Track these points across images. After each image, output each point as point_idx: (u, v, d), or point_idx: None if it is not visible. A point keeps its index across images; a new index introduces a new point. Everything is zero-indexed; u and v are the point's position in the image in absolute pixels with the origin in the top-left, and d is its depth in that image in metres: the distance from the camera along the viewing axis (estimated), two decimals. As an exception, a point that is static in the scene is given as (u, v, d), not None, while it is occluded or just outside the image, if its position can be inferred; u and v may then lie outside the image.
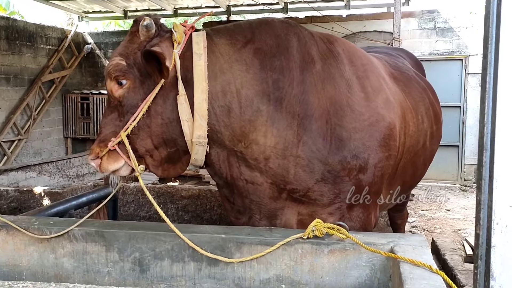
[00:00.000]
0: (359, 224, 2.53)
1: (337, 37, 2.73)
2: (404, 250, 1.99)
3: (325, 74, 2.46)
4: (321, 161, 2.38)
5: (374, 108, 2.49)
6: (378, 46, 4.95)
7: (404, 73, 3.19)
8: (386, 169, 2.56)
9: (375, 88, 2.58)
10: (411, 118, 2.84)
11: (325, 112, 2.40)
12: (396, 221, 4.43)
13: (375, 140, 2.46)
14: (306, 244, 2.13)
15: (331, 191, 2.43)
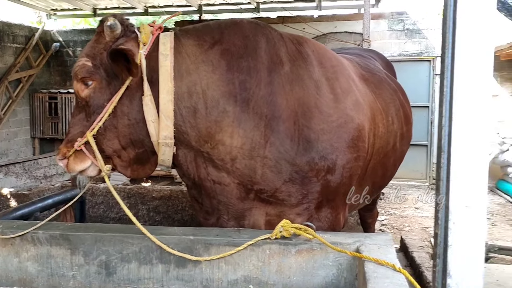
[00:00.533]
0: (327, 224, 2.56)
1: (307, 38, 2.75)
2: (370, 249, 2.02)
3: (294, 75, 2.47)
4: (289, 162, 2.39)
5: (343, 110, 2.52)
6: (350, 48, 5.00)
7: (375, 74, 3.23)
8: (355, 170, 2.59)
9: (345, 89, 2.60)
10: (380, 119, 2.88)
11: (293, 114, 2.41)
12: (366, 220, 4.49)
13: (343, 141, 2.48)
14: (274, 244, 2.15)
15: (299, 192, 2.44)
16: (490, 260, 5.59)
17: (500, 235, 6.43)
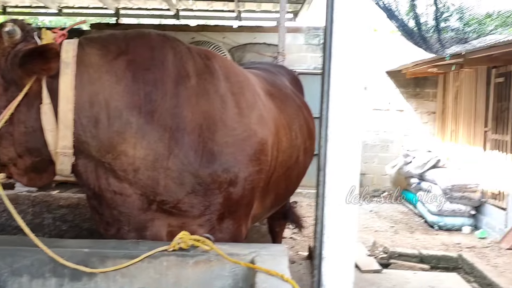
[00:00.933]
0: (229, 235, 2.61)
1: (215, 53, 2.81)
2: (264, 259, 2.09)
3: (200, 89, 2.51)
4: (192, 174, 2.43)
5: (247, 124, 2.59)
6: (262, 62, 5.12)
7: (281, 90, 3.34)
8: (257, 182, 2.66)
9: (250, 104, 2.68)
10: (284, 134, 2.98)
11: (198, 126, 2.45)
12: (274, 228, 4.61)
13: (246, 154, 2.55)
14: (172, 256, 2.15)
15: (201, 203, 2.48)
16: (391, 266, 5.95)
17: (401, 242, 6.85)
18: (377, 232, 7.37)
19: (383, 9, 5.35)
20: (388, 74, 10.13)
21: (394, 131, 10.23)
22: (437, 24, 4.27)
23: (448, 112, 9.41)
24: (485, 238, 7.08)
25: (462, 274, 5.69)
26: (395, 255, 6.17)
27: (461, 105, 8.75)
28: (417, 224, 8.00)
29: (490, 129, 7.55)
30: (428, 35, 4.60)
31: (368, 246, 6.34)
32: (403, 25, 5.18)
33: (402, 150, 9.44)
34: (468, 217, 7.62)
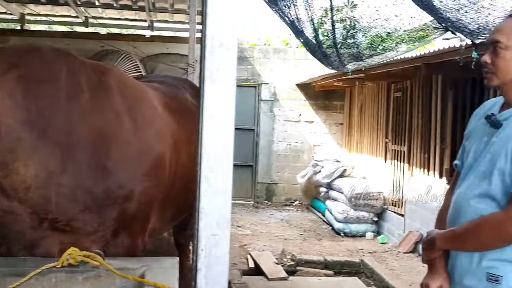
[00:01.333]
0: (124, 250, 2.60)
1: (111, 68, 2.81)
2: (155, 273, 2.11)
3: (94, 105, 2.49)
4: (86, 190, 2.40)
5: (143, 139, 2.61)
6: (165, 75, 5.12)
7: (181, 104, 3.37)
8: (154, 197, 2.68)
9: (146, 119, 2.69)
10: (184, 148, 3.02)
11: (92, 143, 2.43)
12: (179, 241, 4.60)
13: (142, 170, 2.57)
14: (60, 273, 2.12)
15: (95, 220, 2.46)
16: (297, 273, 6.14)
17: (308, 249, 7.08)
18: (286, 240, 7.57)
19: (289, 25, 5.57)
20: (298, 87, 10.48)
21: (304, 141, 10.58)
22: (335, 42, 4.51)
23: (354, 124, 9.90)
24: (386, 243, 7.51)
25: (363, 278, 6.01)
26: (302, 262, 6.38)
27: (365, 118, 9.24)
28: (325, 231, 8.31)
29: (390, 140, 8.04)
30: (328, 52, 4.85)
31: (277, 254, 6.50)
32: (307, 41, 5.42)
33: (312, 160, 9.78)
34: (371, 224, 8.04)
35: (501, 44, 1.80)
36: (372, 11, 4.20)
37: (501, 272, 1.81)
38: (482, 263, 1.85)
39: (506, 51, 1.80)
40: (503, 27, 1.86)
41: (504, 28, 1.84)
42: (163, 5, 9.09)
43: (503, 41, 1.80)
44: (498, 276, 1.81)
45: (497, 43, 1.82)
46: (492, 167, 1.83)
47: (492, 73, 1.85)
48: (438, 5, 3.05)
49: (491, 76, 1.86)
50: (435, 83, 6.48)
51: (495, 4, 2.64)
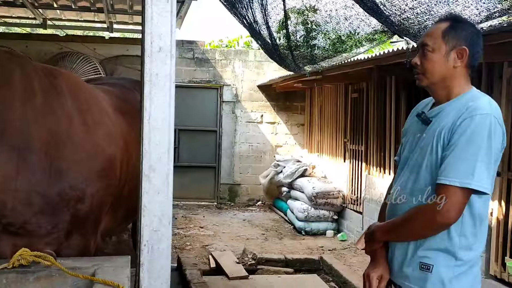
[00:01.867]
0: (77, 251, 2.64)
1: (62, 71, 2.84)
2: (106, 271, 2.16)
3: (47, 107, 2.53)
4: (40, 193, 2.43)
5: (94, 141, 2.66)
6: (119, 78, 5.14)
7: (134, 107, 3.42)
8: (106, 198, 2.73)
9: (97, 121, 2.74)
10: (135, 149, 3.07)
11: (46, 145, 2.46)
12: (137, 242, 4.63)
13: (94, 171, 2.61)
14: (11, 273, 2.15)
15: (49, 222, 2.49)
16: (258, 271, 6.23)
17: (270, 248, 7.19)
18: (248, 240, 7.66)
19: (247, 28, 5.66)
20: (260, 88, 10.60)
21: (266, 142, 10.70)
22: (290, 45, 4.63)
23: (314, 124, 10.08)
24: (345, 240, 7.69)
25: (322, 275, 6.15)
26: (263, 261, 6.47)
27: (325, 118, 9.43)
28: (286, 230, 8.43)
29: (348, 140, 8.24)
30: (283, 55, 4.97)
31: (238, 254, 6.57)
32: (265, 44, 5.52)
33: (273, 161, 9.90)
34: (332, 222, 8.22)
35: (429, 47, 1.94)
36: (324, 14, 4.33)
37: (432, 261, 1.94)
38: (416, 253, 1.98)
39: (433, 53, 1.93)
40: (431, 32, 1.98)
41: (432, 32, 1.97)
42: (122, 7, 9.05)
43: (430, 44, 1.94)
44: (429, 265, 1.94)
45: (425, 46, 1.95)
46: (422, 161, 1.96)
47: (422, 74, 1.98)
48: (383, 10, 3.20)
49: (421, 77, 1.99)
50: (388, 84, 6.70)
51: (431, 10, 2.80)
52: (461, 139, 1.83)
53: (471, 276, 1.97)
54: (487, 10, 2.57)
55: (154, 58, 1.41)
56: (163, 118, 1.44)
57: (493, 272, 4.56)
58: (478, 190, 1.83)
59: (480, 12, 2.69)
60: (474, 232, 1.94)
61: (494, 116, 1.86)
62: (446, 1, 2.64)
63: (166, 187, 1.45)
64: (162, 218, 1.44)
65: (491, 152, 1.83)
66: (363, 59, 5.61)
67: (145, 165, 1.44)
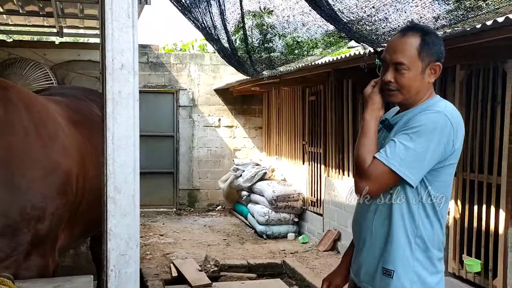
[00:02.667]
0: (36, 272, 2.52)
1: (11, 83, 2.71)
2: (67, 293, 2.08)
3: (4, 121, 2.41)
4: (2, 214, 2.30)
5: (51, 156, 2.54)
6: (71, 87, 4.97)
7: (87, 117, 3.31)
8: (64, 215, 2.62)
9: (52, 135, 2.63)
10: (91, 162, 2.96)
11: (6, 161, 2.34)
12: (97, 256, 4.49)
13: (53, 188, 2.50)
14: (-36, 302, 2.03)
15: (8, 246, 2.36)
16: (221, 278, 6.18)
17: (232, 253, 7.14)
18: (210, 246, 7.59)
19: (203, 32, 5.59)
20: (217, 92, 10.54)
21: (225, 146, 10.65)
22: (248, 50, 4.60)
23: (272, 127, 10.11)
24: (306, 242, 7.74)
25: (286, 279, 6.16)
26: (226, 267, 6.43)
27: (283, 121, 9.48)
28: (248, 234, 8.41)
29: (307, 143, 8.30)
30: (242, 60, 4.94)
31: (200, 261, 6.50)
32: (222, 49, 5.47)
33: (232, 165, 9.87)
34: (292, 225, 8.25)
35: (404, 65, 1.92)
36: (281, 20, 4.33)
37: (392, 266, 1.97)
38: (380, 259, 2.01)
39: (409, 71, 1.93)
40: (403, 48, 1.94)
41: (405, 50, 1.94)
42: (73, 11, 8.79)
43: (406, 62, 1.92)
44: (391, 270, 1.97)
45: (400, 64, 1.93)
46: None
47: (397, 90, 1.97)
48: (341, 17, 3.22)
49: (396, 93, 1.99)
50: (345, 87, 6.79)
51: (388, 17, 2.84)
52: (409, 128, 1.90)
53: (435, 279, 2.01)
54: (444, 18, 2.63)
55: (116, 76, 1.35)
56: (127, 137, 1.38)
57: (451, 269, 4.68)
58: (399, 174, 1.87)
59: (436, 20, 2.75)
60: (432, 235, 1.98)
61: (446, 115, 1.90)
62: (403, 9, 2.68)
63: (132, 209, 1.39)
64: (129, 241, 1.38)
65: (430, 148, 1.87)
66: (322, 63, 5.66)
67: (110, 187, 1.38)
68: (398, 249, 1.96)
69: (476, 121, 4.45)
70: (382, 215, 2.02)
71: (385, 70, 1.99)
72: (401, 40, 1.98)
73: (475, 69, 4.47)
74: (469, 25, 2.88)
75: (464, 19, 2.66)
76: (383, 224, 2.01)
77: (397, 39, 2.00)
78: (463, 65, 4.50)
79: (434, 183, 1.95)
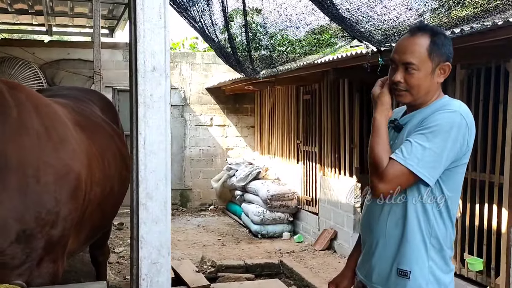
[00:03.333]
0: (48, 279, 2.46)
1: (17, 83, 2.64)
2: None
3: (19, 123, 2.34)
4: (17, 219, 2.23)
5: (63, 160, 2.48)
6: (70, 88, 4.87)
7: (91, 120, 3.25)
8: (75, 220, 2.56)
9: (62, 138, 2.56)
10: (97, 165, 2.90)
11: (20, 165, 2.27)
12: (97, 258, 4.42)
13: (65, 192, 2.44)
14: (-23, 311, 1.96)
15: (23, 252, 2.29)
16: (218, 279, 6.13)
17: (228, 254, 7.10)
18: (205, 246, 7.54)
19: (200, 32, 5.54)
20: (209, 91, 10.48)
21: (217, 145, 10.60)
22: (249, 49, 4.56)
23: (265, 126, 10.08)
24: (302, 242, 7.72)
25: (284, 279, 6.13)
26: (223, 268, 6.38)
27: (276, 120, 9.45)
28: (242, 234, 8.38)
29: (301, 142, 8.28)
30: (241, 59, 4.89)
31: (197, 262, 6.44)
32: (220, 48, 5.42)
33: (225, 164, 9.82)
34: (287, 224, 8.23)
35: (414, 65, 1.91)
36: (284, 18, 4.30)
37: (408, 267, 1.95)
38: (395, 260, 1.99)
39: (419, 71, 1.92)
40: (413, 49, 1.94)
41: (415, 50, 1.93)
42: (63, 9, 8.69)
43: (416, 62, 1.91)
44: (407, 271, 1.95)
45: (409, 64, 1.92)
46: None
47: (406, 90, 1.96)
48: (348, 17, 3.19)
49: (405, 94, 1.97)
50: (342, 86, 6.78)
51: (399, 18, 2.82)
52: (425, 127, 1.88)
53: (448, 277, 2.00)
54: (454, 20, 2.62)
55: (148, 79, 1.30)
56: (159, 142, 1.33)
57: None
58: (417, 175, 1.86)
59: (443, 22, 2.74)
60: (445, 234, 1.98)
61: (461, 115, 1.90)
62: (415, 8, 2.66)
63: (164, 216, 1.35)
64: (161, 249, 1.34)
65: (446, 147, 1.86)
66: (321, 62, 5.64)
67: (142, 193, 1.33)
68: (414, 250, 1.95)
69: (478, 121, 4.46)
70: (396, 216, 2.00)
71: (394, 70, 1.98)
72: (410, 41, 1.96)
73: (475, 68, 4.48)
74: (480, 24, 2.88)
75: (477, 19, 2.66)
76: (397, 225, 2.00)
77: (406, 39, 1.98)
78: (463, 64, 4.50)
79: (448, 183, 1.95)
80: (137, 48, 1.29)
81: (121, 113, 5.85)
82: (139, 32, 1.29)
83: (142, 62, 1.31)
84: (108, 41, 9.99)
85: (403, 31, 2.99)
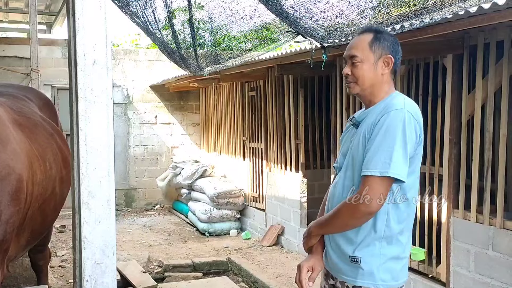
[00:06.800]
0: None
1: None
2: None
3: None
4: None
5: (4, 160, 2.36)
6: (7, 85, 4.63)
7: (29, 118, 3.10)
8: (17, 223, 2.44)
9: (3, 139, 2.43)
10: (38, 166, 2.78)
11: None
12: (38, 262, 4.24)
13: (7, 195, 2.32)
14: None
15: None
16: (166, 279, 6.04)
17: (175, 253, 7.01)
18: (151, 246, 7.41)
19: (143, 28, 5.41)
20: (152, 89, 10.30)
21: (162, 144, 10.44)
22: (194, 46, 4.50)
23: (211, 123, 10.03)
24: (249, 238, 7.74)
25: (232, 276, 6.12)
26: (170, 268, 6.30)
27: (222, 117, 9.41)
28: (189, 233, 8.30)
29: (247, 138, 8.29)
30: (186, 56, 4.82)
31: (143, 262, 6.32)
32: (164, 44, 5.32)
33: (171, 163, 9.69)
34: (235, 221, 8.23)
35: (358, 57, 2.09)
36: (228, 13, 4.27)
37: (360, 253, 2.04)
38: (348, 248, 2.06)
39: (362, 63, 2.09)
40: (357, 44, 2.14)
41: (358, 44, 2.13)
42: (-3, 4, 8.29)
43: (358, 55, 2.10)
44: (357, 257, 2.04)
45: (354, 57, 2.10)
46: (353, 160, 2.09)
47: (354, 82, 2.13)
48: (292, 13, 3.21)
49: (353, 85, 2.14)
50: (286, 82, 6.83)
51: (341, 14, 2.87)
52: (379, 133, 1.99)
53: (399, 264, 2.06)
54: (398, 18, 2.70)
55: (89, 72, 1.24)
56: (101, 138, 1.28)
57: (395, 258, 4.83)
58: (396, 178, 1.95)
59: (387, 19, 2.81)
60: (399, 223, 2.05)
61: (408, 111, 2.02)
62: (357, 5, 2.72)
63: (108, 214, 1.30)
64: (105, 249, 1.29)
65: (406, 143, 1.97)
66: (265, 58, 5.65)
67: (84, 192, 1.28)
68: (366, 236, 2.04)
69: (416, 115, 4.61)
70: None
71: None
72: (356, 39, 2.18)
73: (415, 64, 4.63)
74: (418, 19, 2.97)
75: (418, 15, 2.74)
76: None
77: (354, 39, 2.20)
78: (403, 59, 4.64)
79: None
80: (77, 41, 1.24)
81: (61, 112, 5.65)
82: (78, 24, 1.24)
83: (82, 55, 1.25)
84: (46, 37, 9.63)
85: (345, 27, 3.05)
